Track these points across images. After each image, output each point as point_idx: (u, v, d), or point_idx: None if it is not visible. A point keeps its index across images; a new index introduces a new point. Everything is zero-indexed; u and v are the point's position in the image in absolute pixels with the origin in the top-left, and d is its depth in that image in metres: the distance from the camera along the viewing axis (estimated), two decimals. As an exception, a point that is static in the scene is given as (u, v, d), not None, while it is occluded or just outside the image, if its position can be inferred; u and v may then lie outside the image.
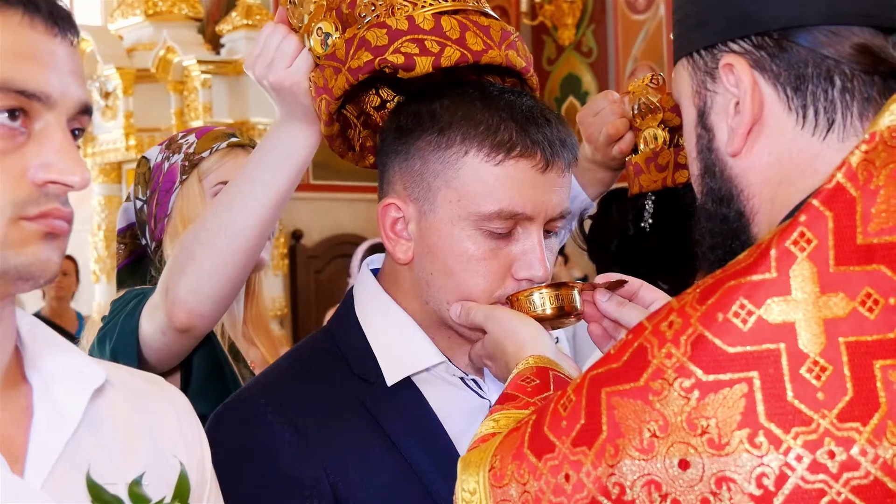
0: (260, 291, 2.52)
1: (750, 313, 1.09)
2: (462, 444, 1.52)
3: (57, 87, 1.13)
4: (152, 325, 1.95)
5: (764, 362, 1.07)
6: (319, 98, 1.60)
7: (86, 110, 1.17)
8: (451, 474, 1.45)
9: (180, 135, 2.40)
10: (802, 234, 1.10)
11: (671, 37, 1.37)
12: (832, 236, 1.10)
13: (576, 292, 1.62)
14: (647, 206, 2.12)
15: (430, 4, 1.55)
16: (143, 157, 2.40)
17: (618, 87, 9.93)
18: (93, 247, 9.08)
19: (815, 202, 1.11)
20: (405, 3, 1.55)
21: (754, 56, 1.24)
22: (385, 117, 1.69)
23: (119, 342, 2.03)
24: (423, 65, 1.51)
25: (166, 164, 2.34)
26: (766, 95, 1.25)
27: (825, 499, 1.04)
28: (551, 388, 1.38)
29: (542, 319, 1.58)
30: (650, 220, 2.11)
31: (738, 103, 1.26)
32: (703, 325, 1.10)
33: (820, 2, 1.22)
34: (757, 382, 1.07)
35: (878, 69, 1.23)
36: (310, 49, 1.63)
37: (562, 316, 1.62)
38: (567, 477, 1.14)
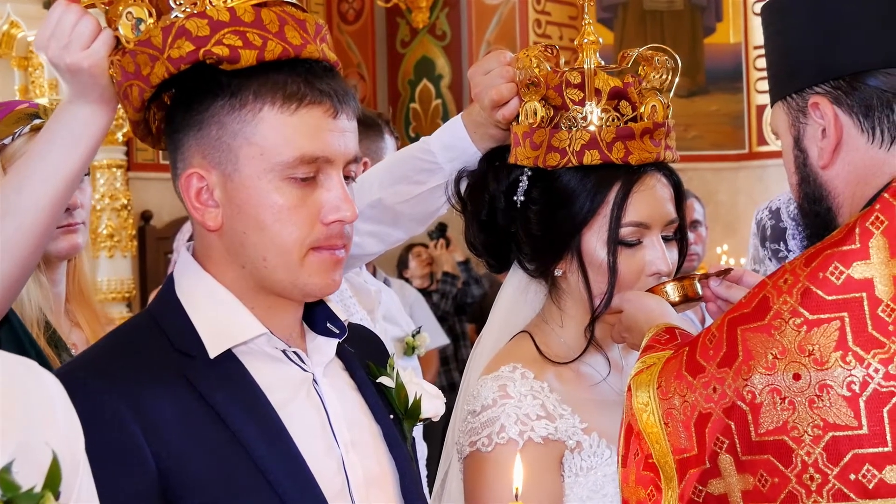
0: (81, 268, 2.48)
1: (841, 272, 1.56)
2: (285, 415, 1.58)
3: None
4: None
5: (851, 306, 1.54)
6: (128, 83, 1.59)
7: None
8: (275, 441, 1.54)
9: None
10: (878, 217, 1.58)
11: (769, 83, 1.83)
12: None
13: (696, 282, 2.07)
14: (520, 182, 2.09)
15: None
16: None
17: (471, 71, 9.95)
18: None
19: (886, 195, 1.60)
20: None
21: (833, 95, 1.70)
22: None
23: None
24: (248, 58, 1.53)
25: None
26: (844, 122, 1.70)
27: (894, 399, 1.51)
28: (678, 339, 1.82)
29: (673, 304, 2.01)
30: (521, 197, 2.09)
31: (824, 130, 1.72)
32: (808, 280, 1.57)
33: (878, 53, 1.68)
34: (847, 319, 1.54)
35: None
36: (117, 34, 1.60)
37: (687, 301, 2.06)
38: (714, 389, 1.61)
